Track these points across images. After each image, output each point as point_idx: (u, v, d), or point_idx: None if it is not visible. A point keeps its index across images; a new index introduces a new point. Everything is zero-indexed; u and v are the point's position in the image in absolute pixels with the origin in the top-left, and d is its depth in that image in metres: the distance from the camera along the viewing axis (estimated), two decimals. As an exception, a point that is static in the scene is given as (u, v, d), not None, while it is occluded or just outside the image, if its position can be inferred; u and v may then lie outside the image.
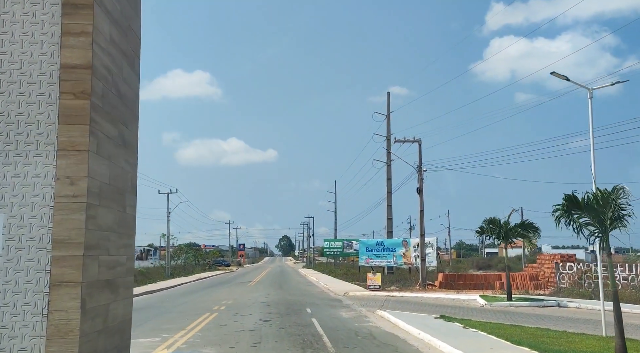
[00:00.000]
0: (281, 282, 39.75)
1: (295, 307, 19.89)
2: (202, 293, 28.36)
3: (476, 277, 32.10)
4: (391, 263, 47.96)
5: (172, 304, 21.96)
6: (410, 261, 47.13)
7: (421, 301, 21.88)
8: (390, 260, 47.96)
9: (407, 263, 47.21)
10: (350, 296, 25.75)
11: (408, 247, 47.42)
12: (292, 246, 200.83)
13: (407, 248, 47.44)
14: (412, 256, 47.16)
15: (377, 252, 48.89)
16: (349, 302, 22.41)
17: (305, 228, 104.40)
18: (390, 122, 50.79)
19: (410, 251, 47.24)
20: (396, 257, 47.64)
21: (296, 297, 24.96)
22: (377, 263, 48.97)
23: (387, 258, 48.34)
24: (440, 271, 45.26)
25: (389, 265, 48.10)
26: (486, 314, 17.34)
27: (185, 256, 70.83)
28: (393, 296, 24.68)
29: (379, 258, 48.62)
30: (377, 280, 30.77)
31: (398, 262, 47.78)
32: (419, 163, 32.47)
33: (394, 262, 47.75)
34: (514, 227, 19.85)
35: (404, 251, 47.54)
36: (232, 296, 25.69)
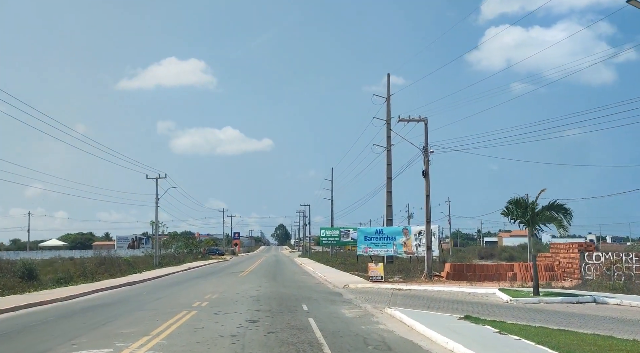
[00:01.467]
0: (275, 272, 36.85)
1: (289, 303, 16.94)
2: (186, 285, 25.40)
3: (486, 268, 29.25)
4: (391, 253, 45.08)
5: (148, 298, 18.98)
6: (411, 251, 44.27)
7: (433, 296, 18.96)
8: (390, 249, 45.08)
9: (408, 252, 44.34)
10: (352, 289, 22.84)
11: (409, 235, 44.54)
12: (288, 235, 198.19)
13: (408, 237, 44.55)
14: (413, 245, 44.32)
15: (376, 241, 45.98)
16: (351, 296, 19.48)
17: (301, 217, 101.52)
18: (390, 105, 47.87)
19: (411, 240, 44.38)
20: (396, 246, 44.76)
21: (291, 290, 22.03)
22: (376, 253, 46.07)
23: (386, 247, 45.43)
24: (444, 261, 42.53)
25: (389, 255, 45.23)
26: (516, 313, 14.44)
27: (177, 245, 67.93)
28: (399, 289, 21.76)
29: (378, 247, 45.71)
30: (380, 270, 27.89)
31: (398, 251, 44.91)
32: (424, 143, 29.47)
33: (394, 251, 44.89)
34: (542, 210, 16.83)
35: (405, 240, 44.67)
36: (219, 288, 22.74)
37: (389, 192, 46.08)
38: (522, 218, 16.83)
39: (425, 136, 29.57)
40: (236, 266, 48.72)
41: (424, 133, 29.60)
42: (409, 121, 29.82)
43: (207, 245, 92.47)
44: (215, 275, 34.37)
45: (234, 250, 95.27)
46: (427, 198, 29.53)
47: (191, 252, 69.16)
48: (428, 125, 29.78)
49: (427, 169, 29.31)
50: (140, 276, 32.45)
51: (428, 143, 29.39)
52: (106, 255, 39.52)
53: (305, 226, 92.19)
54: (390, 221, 46.73)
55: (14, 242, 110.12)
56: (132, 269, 37.59)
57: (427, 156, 29.22)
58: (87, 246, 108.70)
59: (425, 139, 29.48)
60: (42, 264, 46.72)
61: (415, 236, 44.65)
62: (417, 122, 29.91)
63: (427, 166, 29.29)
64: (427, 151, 29.25)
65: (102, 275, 33.07)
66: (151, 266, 42.35)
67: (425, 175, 29.31)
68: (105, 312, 15.13)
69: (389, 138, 46.51)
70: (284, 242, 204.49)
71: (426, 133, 29.62)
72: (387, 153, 46.13)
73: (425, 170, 29.26)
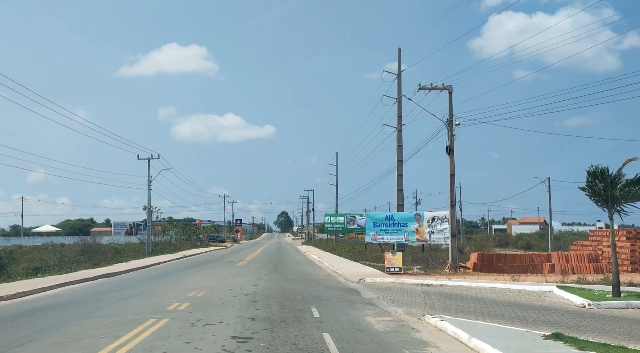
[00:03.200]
0: (277, 262, 32.70)
1: (294, 305, 12.76)
2: (172, 278, 21.25)
3: (519, 258, 25.01)
4: (402, 240, 40.93)
5: (115, 297, 14.79)
6: (423, 238, 40.12)
7: (477, 296, 14.72)
8: (401, 236, 40.91)
9: (420, 240, 40.19)
10: (369, 284, 18.66)
11: (421, 222, 40.37)
12: (291, 223, 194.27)
13: (421, 223, 40.38)
14: (426, 232, 40.16)
15: (386, 228, 41.80)
16: (371, 295, 15.29)
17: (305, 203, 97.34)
18: (401, 82, 43.46)
19: (423, 227, 40.21)
20: (408, 233, 40.61)
21: (295, 285, 17.85)
22: (385, 240, 41.95)
23: (397, 234, 41.25)
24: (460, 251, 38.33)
25: (400, 242, 41.08)
26: (611, 325, 10.24)
27: (175, 232, 63.90)
28: (427, 284, 17.52)
29: (388, 234, 41.56)
30: (398, 261, 23.70)
31: (410, 239, 40.74)
32: (449, 115, 25.13)
33: (405, 239, 40.73)
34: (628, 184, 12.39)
35: (417, 226, 40.48)
36: (209, 282, 18.59)
37: (399, 175, 41.84)
38: (603, 195, 12.47)
39: (450, 106, 25.22)
40: (235, 254, 44.61)
41: (448, 104, 25.27)
42: (431, 89, 25.43)
43: (208, 232, 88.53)
44: (210, 264, 30.24)
45: (235, 237, 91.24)
46: (452, 177, 25.20)
47: (190, 239, 65.15)
48: (453, 95, 25.42)
49: (452, 144, 25.00)
50: (125, 265, 28.36)
51: (453, 114, 25.08)
52: (91, 242, 35.43)
53: (309, 212, 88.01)
54: (401, 206, 42.44)
55: (14, 228, 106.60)
56: (118, 257, 33.54)
57: (451, 129, 24.87)
58: (85, 233, 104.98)
59: (450, 111, 25.14)
60: (27, 251, 42.79)
61: (428, 223, 40.47)
62: (440, 90, 25.55)
63: (451, 141, 24.96)
64: (451, 123, 24.91)
65: (84, 264, 29.13)
66: (142, 254, 38.31)
67: (449, 151, 24.99)
68: (40, 320, 10.94)
69: (399, 117, 42.22)
70: (286, 229, 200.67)
71: (450, 103, 25.28)
72: (398, 134, 41.85)
73: (449, 146, 24.94)
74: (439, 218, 40.41)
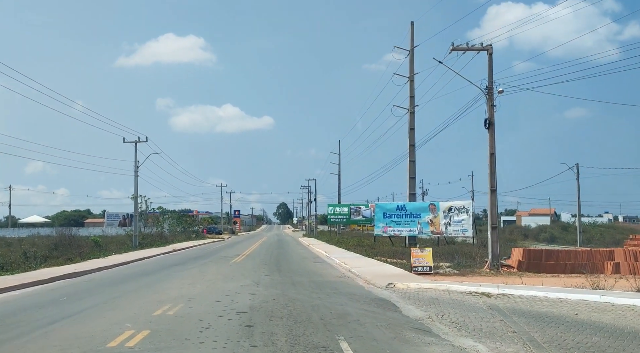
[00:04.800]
0: (279, 258, 27.94)
1: (311, 336, 7.96)
2: (147, 281, 16.41)
3: (574, 255, 20.23)
4: (415, 233, 36.26)
5: (49, 316, 9.98)
6: (439, 230, 35.46)
7: (576, 317, 9.76)
8: (414, 228, 36.26)
9: (435, 232, 35.53)
10: (402, 290, 13.90)
11: (436, 212, 35.68)
12: (290, 214, 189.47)
13: (436, 214, 35.69)
14: (442, 224, 35.48)
15: (397, 219, 37.13)
16: (418, 312, 10.51)
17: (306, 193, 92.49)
18: (414, 59, 38.61)
19: (439, 218, 35.53)
20: (421, 225, 35.94)
21: (306, 293, 13.08)
22: (397, 233, 37.25)
23: (410, 226, 36.58)
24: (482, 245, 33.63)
25: (412, 235, 36.41)
26: None
27: (168, 223, 59.12)
28: (486, 294, 12.69)
29: (400, 225, 36.89)
30: (428, 258, 18.98)
31: (424, 231, 36.05)
32: (488, 82, 20.28)
33: (419, 231, 36.05)
34: None
35: (431, 217, 35.77)
36: (192, 289, 13.82)
37: (411, 161, 37.00)
38: None
39: (489, 71, 20.34)
40: (232, 247, 39.86)
41: (488, 68, 20.41)
42: (467, 49, 20.49)
43: (205, 223, 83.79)
44: (200, 261, 25.47)
45: (233, 228, 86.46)
46: (492, 157, 20.31)
47: (185, 230, 60.40)
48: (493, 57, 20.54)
49: (492, 117, 20.16)
50: (101, 262, 23.61)
51: (493, 80, 20.23)
52: (68, 234, 30.61)
53: (310, 203, 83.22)
54: (413, 195, 37.58)
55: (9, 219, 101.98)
56: (97, 252, 28.75)
57: (491, 98, 20.02)
58: (80, 224, 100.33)
59: (490, 76, 20.27)
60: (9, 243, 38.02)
61: (444, 213, 35.78)
62: (477, 51, 20.66)
63: (491, 113, 20.11)
64: (491, 91, 20.06)
65: (54, 260, 24.45)
66: (127, 248, 33.52)
67: (489, 125, 20.11)
68: None
69: (412, 98, 37.35)
70: (286, 221, 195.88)
71: (490, 67, 20.39)
72: (410, 116, 36.99)
73: (489, 119, 20.08)
74: (456, 208, 35.72)
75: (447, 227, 35.30)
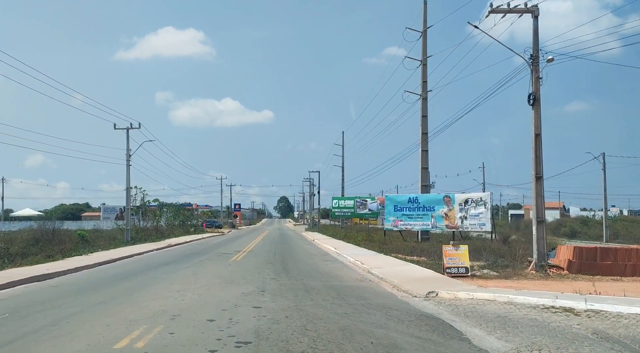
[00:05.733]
0: (284, 255, 24.74)
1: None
2: (126, 287, 13.14)
3: (636, 254, 16.98)
4: (428, 227, 33.13)
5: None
6: (454, 224, 32.31)
7: None
8: (427, 222, 33.15)
9: (450, 226, 32.37)
10: (452, 303, 10.69)
11: (452, 205, 32.54)
12: (291, 208, 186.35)
13: (451, 207, 32.53)
14: (457, 217, 32.34)
15: (409, 212, 33.97)
16: (499, 344, 7.23)
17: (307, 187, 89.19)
18: (426, 40, 35.37)
19: (454, 211, 32.38)
20: (435, 219, 32.82)
21: (329, 309, 9.85)
22: (408, 227, 34.11)
23: (422, 219, 33.47)
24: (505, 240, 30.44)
25: (425, 229, 33.28)
26: None
27: (166, 217, 55.95)
28: (571, 309, 9.39)
29: (412, 219, 33.77)
30: (463, 258, 15.80)
31: (438, 225, 32.89)
32: (533, 49, 16.98)
33: (432, 225, 32.91)
34: None
35: (446, 210, 32.61)
36: (179, 300, 10.62)
37: (424, 151, 33.89)
38: None
39: (535, 37, 17.08)
40: (232, 243, 36.69)
41: (533, 33, 17.14)
42: (507, 12, 17.16)
43: (205, 217, 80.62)
44: (195, 258, 22.27)
45: (233, 222, 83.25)
46: (537, 138, 17.00)
47: (183, 224, 57.23)
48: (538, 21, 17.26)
49: (538, 91, 16.90)
50: (83, 260, 20.43)
51: (539, 47, 16.95)
52: (50, 228, 27.40)
53: (313, 196, 79.94)
54: (425, 187, 34.43)
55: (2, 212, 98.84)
56: (82, 248, 25.58)
57: (537, 69, 16.78)
58: (77, 218, 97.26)
59: (534, 43, 17.00)
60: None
61: (460, 206, 32.61)
62: (520, 14, 17.35)
63: (537, 87, 16.85)
64: (537, 60, 16.81)
65: (31, 257, 21.37)
66: (118, 243, 30.35)
67: (534, 101, 16.85)
68: None
69: (424, 82, 34.24)
70: (286, 215, 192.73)
71: (536, 32, 17.12)
72: (423, 102, 33.89)
73: (534, 93, 16.81)
74: (473, 200, 32.51)
75: (464, 221, 32.16)
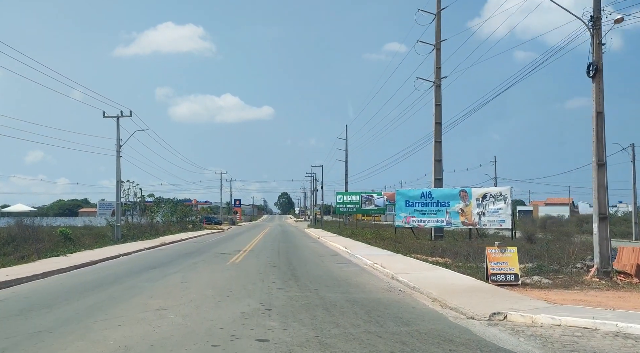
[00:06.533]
0: (289, 255, 21.70)
1: None
2: (93, 302, 9.99)
3: None
4: (442, 224, 30.17)
5: None
6: (471, 221, 29.37)
7: None
8: (442, 218, 30.19)
9: (467, 223, 29.41)
10: (529, 330, 7.66)
11: (468, 200, 29.56)
12: (292, 204, 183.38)
13: (467, 202, 29.54)
14: (474, 213, 29.40)
15: (422, 208, 30.97)
16: None
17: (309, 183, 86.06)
18: (440, 23, 32.30)
19: (471, 207, 29.41)
20: (450, 215, 29.85)
21: (366, 342, 6.82)
22: (421, 224, 31.15)
23: (436, 215, 30.47)
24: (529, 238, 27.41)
25: (439, 226, 30.31)
26: None
27: (162, 213, 52.85)
28: None
29: (425, 215, 30.76)
30: (512, 262, 12.78)
31: (453, 222, 29.89)
32: (593, 10, 13.88)
33: (447, 222, 29.93)
34: None
35: (462, 206, 29.60)
36: (153, 326, 7.57)
37: (437, 142, 30.82)
38: None
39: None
40: (231, 240, 33.67)
41: (592, -8, 14.05)
42: (562, -35, 14.05)
43: (205, 213, 77.52)
44: (188, 260, 19.22)
45: (233, 218, 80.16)
46: (599, 117, 13.85)
47: (181, 220, 54.13)
48: None
49: (600, 60, 13.83)
50: (59, 262, 17.41)
51: (600, 5, 13.86)
52: (29, 224, 24.32)
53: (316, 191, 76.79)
54: (439, 181, 31.37)
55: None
56: (64, 247, 22.56)
57: (598, 33, 13.71)
58: (74, 213, 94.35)
59: (595, 1, 13.92)
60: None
61: (477, 202, 29.63)
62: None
63: (598, 55, 13.76)
64: (599, 22, 13.74)
65: (5, 258, 18.55)
66: (106, 242, 27.31)
67: (595, 73, 13.77)
68: None
69: (438, 68, 31.15)
70: (287, 211, 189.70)
71: (595, -9, 14.02)
72: (436, 90, 30.82)
73: (594, 62, 13.74)
74: (491, 195, 29.50)
75: (481, 217, 29.17)
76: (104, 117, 30.35)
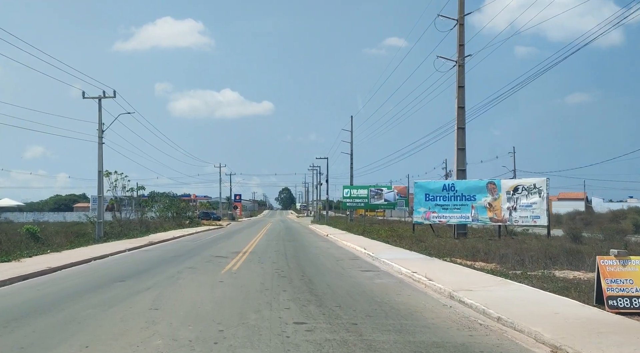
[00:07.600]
0: (299, 258, 17.36)
1: None
2: None
3: None
4: (468, 220, 25.82)
5: None
6: (500, 217, 25.02)
7: None
8: (467, 214, 25.81)
9: (496, 219, 25.07)
10: None
11: (497, 193, 25.22)
12: (293, 199, 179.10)
13: (496, 196, 25.19)
14: (504, 208, 25.03)
15: (444, 202, 26.58)
16: None
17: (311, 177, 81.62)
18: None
19: (500, 201, 25.09)
20: (476, 210, 25.49)
21: None
22: (443, 219, 26.74)
23: (461, 211, 26.06)
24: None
25: (464, 222, 25.98)
26: None
27: (157, 208, 48.67)
28: None
29: (448, 210, 26.36)
30: (638, 279, 8.45)
31: (480, 218, 25.54)
32: None
33: (473, 217, 25.59)
34: None
35: (490, 200, 25.24)
36: None
37: (460, 129, 26.56)
38: None
39: None
40: (230, 238, 29.36)
41: None
42: None
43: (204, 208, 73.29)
44: (171, 267, 14.85)
45: (233, 214, 75.85)
46: None
47: (178, 216, 49.89)
48: None
49: None
50: (6, 270, 13.04)
51: None
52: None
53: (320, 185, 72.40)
54: (462, 172, 27.01)
55: None
56: (26, 248, 18.25)
57: None
58: (69, 209, 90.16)
59: None
60: None
61: (508, 195, 25.53)
62: None
63: None
64: None
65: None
66: (84, 241, 22.98)
67: None
68: None
69: (461, 46, 26.87)
70: (288, 206, 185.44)
71: None
72: (459, 70, 26.56)
73: None
74: (524, 188, 25.12)
75: (512, 213, 24.87)
76: (84, 98, 25.98)
